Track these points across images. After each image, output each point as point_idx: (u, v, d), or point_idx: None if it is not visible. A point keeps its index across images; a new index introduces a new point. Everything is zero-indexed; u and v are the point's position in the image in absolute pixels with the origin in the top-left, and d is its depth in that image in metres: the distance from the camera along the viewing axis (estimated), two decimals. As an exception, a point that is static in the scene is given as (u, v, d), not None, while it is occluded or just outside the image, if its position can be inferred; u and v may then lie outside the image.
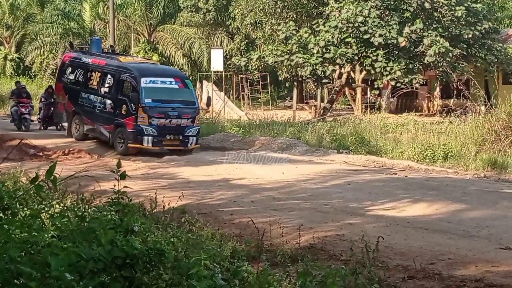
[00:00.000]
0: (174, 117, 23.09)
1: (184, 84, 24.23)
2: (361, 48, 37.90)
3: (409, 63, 37.93)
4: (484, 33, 39.73)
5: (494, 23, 41.71)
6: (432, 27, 38.35)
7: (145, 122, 22.73)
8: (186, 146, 23.19)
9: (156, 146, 22.90)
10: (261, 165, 19.23)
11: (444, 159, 22.18)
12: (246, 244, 9.34)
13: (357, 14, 36.81)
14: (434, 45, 37.06)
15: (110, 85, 24.23)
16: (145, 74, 23.79)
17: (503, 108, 23.86)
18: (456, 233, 10.74)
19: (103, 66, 25.03)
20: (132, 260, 4.94)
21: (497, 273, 8.36)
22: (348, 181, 16.47)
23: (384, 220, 11.87)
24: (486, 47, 39.71)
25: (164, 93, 23.49)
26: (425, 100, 46.11)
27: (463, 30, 38.59)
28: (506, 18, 57.54)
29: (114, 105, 23.75)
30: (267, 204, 13.35)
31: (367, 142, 24.78)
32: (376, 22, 36.89)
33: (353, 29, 37.34)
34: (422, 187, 15.66)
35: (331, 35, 37.50)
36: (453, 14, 38.05)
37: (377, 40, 36.71)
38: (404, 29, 37.46)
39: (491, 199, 14.26)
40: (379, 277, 7.85)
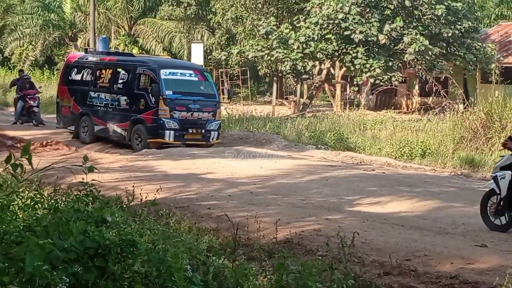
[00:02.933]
0: (196, 110, 22.47)
1: (203, 77, 23.66)
2: (341, 44, 37.96)
3: (388, 61, 38.04)
4: (464, 32, 39.91)
5: (473, 22, 41.89)
6: (412, 25, 38.48)
7: (166, 115, 22.05)
8: (208, 141, 22.71)
9: (178, 140, 22.27)
10: (239, 160, 19.22)
11: (422, 156, 22.27)
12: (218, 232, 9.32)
13: (337, 11, 36.88)
14: (414, 43, 37.19)
15: (124, 81, 23.49)
16: (164, 66, 23.21)
17: (481, 106, 23.98)
18: (432, 230, 10.78)
19: (115, 63, 24.40)
20: (104, 250, 4.94)
21: (472, 270, 8.39)
22: (326, 176, 16.49)
23: (361, 216, 11.90)
24: (465, 46, 39.90)
25: (184, 85, 22.85)
26: (404, 97, 46.32)
27: (443, 29, 38.76)
28: (486, 18, 57.88)
29: (130, 100, 23.04)
30: (245, 199, 13.35)
31: (346, 139, 24.85)
32: (357, 19, 36.96)
33: (334, 26, 37.40)
34: (400, 184, 15.72)
35: (312, 31, 37.53)
36: (433, 13, 38.19)
37: (357, 37, 36.79)
38: (384, 26, 37.57)
39: (467, 197, 14.33)
40: (355, 272, 7.84)
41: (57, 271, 4.60)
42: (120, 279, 5.11)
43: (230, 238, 9.72)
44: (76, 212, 5.81)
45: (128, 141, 22.92)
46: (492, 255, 9.10)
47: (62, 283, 4.52)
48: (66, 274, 4.66)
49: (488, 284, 7.55)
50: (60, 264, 4.71)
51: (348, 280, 7.51)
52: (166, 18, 52.73)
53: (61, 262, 4.73)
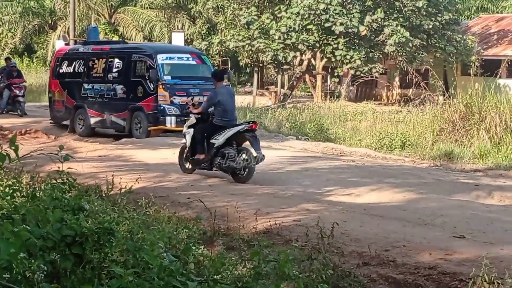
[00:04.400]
0: (196, 94, 21.81)
1: (201, 60, 23.19)
2: (322, 35, 38.01)
3: (369, 52, 38.14)
4: (444, 24, 40.08)
5: (454, 14, 42.10)
6: (393, 17, 38.59)
7: (166, 101, 21.52)
8: None
9: (180, 126, 21.02)
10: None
11: (402, 148, 22.37)
12: (197, 220, 9.30)
13: (319, 1, 36.92)
14: (395, 35, 37.30)
15: (119, 69, 22.90)
16: (161, 50, 22.74)
17: (461, 98, 24.08)
18: (411, 221, 10.80)
19: (108, 52, 23.77)
20: (82, 238, 4.92)
21: (450, 261, 8.41)
22: (306, 167, 16.50)
23: (341, 206, 11.90)
24: (446, 38, 40.07)
25: (182, 69, 22.43)
26: (385, 89, 46.47)
27: (424, 21, 38.89)
28: (467, 10, 58.11)
29: (127, 89, 22.49)
30: (225, 189, 13.34)
31: (326, 130, 24.92)
32: (338, 10, 36.99)
33: (315, 17, 37.42)
34: (379, 175, 15.74)
35: (293, 21, 37.55)
36: (414, 4, 38.32)
37: (338, 28, 36.83)
38: (365, 18, 37.64)
39: (446, 188, 14.38)
40: (334, 262, 7.86)
41: (34, 259, 4.58)
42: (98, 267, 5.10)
43: (209, 228, 9.72)
44: (53, 200, 5.79)
45: (128, 131, 22.40)
46: (470, 246, 9.12)
47: (39, 271, 4.50)
48: (43, 262, 4.64)
49: (465, 275, 7.57)
50: (37, 252, 4.69)
51: (327, 270, 7.52)
52: (146, 7, 52.57)
53: (38, 250, 4.71)
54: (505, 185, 15.34)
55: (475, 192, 14.13)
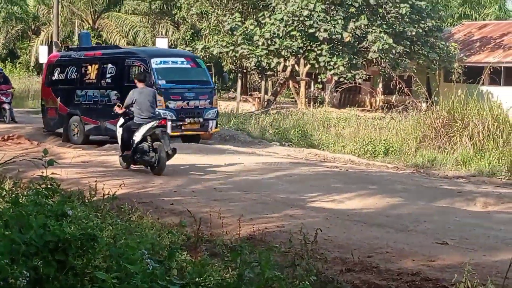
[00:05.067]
0: (191, 98, 21.57)
1: (196, 64, 22.74)
2: (306, 41, 38.09)
3: (352, 59, 38.26)
4: (427, 31, 40.28)
5: (437, 21, 42.32)
6: (376, 24, 38.75)
7: (161, 106, 20.79)
8: (206, 130, 21.99)
9: (176, 131, 21.18)
10: (203, 156, 19.18)
11: (385, 154, 22.42)
12: (181, 225, 9.28)
13: (302, 8, 37.02)
14: (378, 41, 37.45)
15: (112, 75, 22.39)
16: (154, 54, 22.26)
17: (443, 105, 24.17)
18: (394, 227, 10.83)
19: (100, 57, 23.26)
20: (64, 244, 4.91)
21: (433, 267, 8.45)
22: (289, 173, 16.51)
23: (324, 212, 11.93)
24: (429, 45, 40.28)
25: (177, 73, 21.95)
26: (368, 95, 46.60)
27: (407, 27, 39.07)
28: (450, 17, 58.45)
29: (121, 94, 21.25)
30: (208, 195, 13.33)
31: (310, 136, 24.94)
32: (322, 16, 37.10)
33: (299, 23, 37.51)
34: (363, 181, 15.77)
35: (277, 27, 37.63)
36: (397, 11, 38.48)
37: (322, 34, 36.93)
38: (349, 24, 37.76)
39: (429, 194, 14.43)
40: (317, 269, 7.87)
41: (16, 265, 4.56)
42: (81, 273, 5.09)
43: (193, 234, 9.71)
44: (36, 206, 5.77)
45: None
46: (453, 252, 9.16)
47: (22, 277, 4.49)
48: (26, 268, 4.63)
49: (448, 281, 7.59)
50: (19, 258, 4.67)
51: (310, 276, 7.52)
52: (130, 12, 52.54)
53: (21, 256, 4.70)
54: (487, 191, 15.40)
55: (458, 199, 14.17)
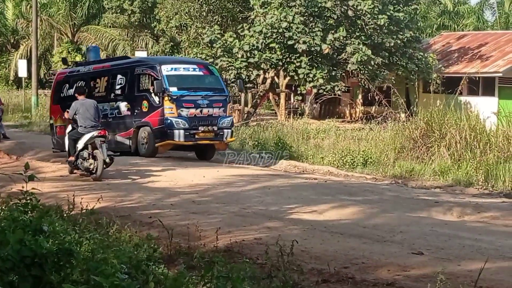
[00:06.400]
0: (205, 106, 20.91)
1: (209, 71, 22.29)
2: (285, 53, 38.24)
3: (331, 70, 38.43)
4: (406, 42, 40.51)
5: (415, 32, 42.59)
6: (355, 35, 38.95)
7: (174, 114, 20.48)
8: (222, 140, 21.32)
9: (189, 140, 20.73)
10: (182, 168, 19.22)
11: (364, 165, 22.53)
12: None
13: (281, 20, 37.15)
14: (357, 53, 37.64)
15: (122, 85, 21.97)
16: (165, 61, 21.82)
17: (422, 116, 24.33)
18: (371, 238, 10.93)
19: (109, 69, 22.88)
20: (41, 259, 4.95)
21: (408, 277, 8.54)
22: (268, 185, 16.59)
23: (302, 224, 12.00)
24: (407, 56, 40.50)
25: (189, 80, 21.39)
26: (348, 106, 46.76)
27: (385, 39, 39.27)
28: (429, 28, 58.81)
29: (131, 105, 21.48)
30: (187, 207, 13.38)
31: (289, 147, 25.00)
32: (300, 28, 37.27)
33: (278, 35, 37.65)
34: (341, 193, 15.87)
35: (256, 39, 37.75)
36: (375, 23, 38.69)
37: (301, 46, 37.10)
38: (327, 36, 37.93)
39: (406, 205, 14.54)
40: (294, 280, 7.95)
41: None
42: (57, 287, 5.13)
43: (171, 246, 9.77)
44: (13, 221, 5.81)
45: (134, 150, 21.47)
46: (428, 262, 9.27)
47: (-3, 292, 4.53)
48: (2, 283, 4.67)
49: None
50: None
51: (287, 287, 7.61)
52: (109, 26, 52.55)
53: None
54: (464, 201, 15.54)
55: (434, 209, 14.29)
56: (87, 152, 17.17)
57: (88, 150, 17.15)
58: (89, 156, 17.15)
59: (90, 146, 17.14)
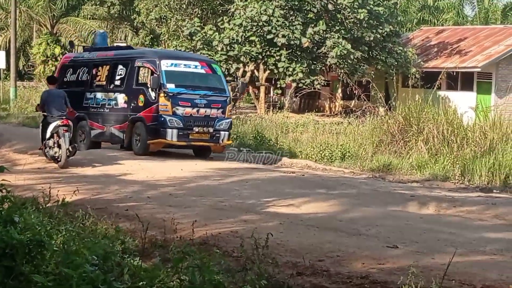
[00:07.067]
0: (202, 106, 20.32)
1: (211, 69, 21.48)
2: (265, 47, 38.24)
3: (311, 64, 38.46)
4: (385, 36, 40.62)
5: (395, 27, 42.70)
6: (334, 29, 38.99)
7: (168, 112, 19.93)
8: (217, 142, 20.65)
9: (182, 140, 20.14)
10: (160, 162, 19.20)
11: (342, 159, 22.58)
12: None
13: (261, 13, 37.14)
14: (336, 47, 37.69)
15: (122, 77, 21.45)
16: (165, 56, 21.18)
17: (400, 110, 24.41)
18: (347, 231, 10.98)
19: (111, 58, 22.33)
20: (12, 250, 4.95)
21: (382, 270, 8.60)
22: (245, 179, 16.62)
23: (279, 217, 12.04)
24: (387, 50, 40.61)
25: (189, 78, 20.77)
26: (328, 100, 46.82)
27: (365, 33, 39.34)
28: (409, 22, 58.96)
29: (128, 98, 20.96)
30: (164, 200, 13.38)
31: (268, 141, 25.00)
32: (280, 22, 37.27)
33: (257, 28, 37.64)
34: (318, 186, 15.93)
35: (236, 33, 37.72)
36: (355, 17, 38.75)
37: (280, 40, 37.12)
38: (307, 30, 37.95)
39: (383, 199, 14.62)
40: (268, 273, 7.96)
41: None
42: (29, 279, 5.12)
43: (147, 239, 9.76)
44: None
45: (127, 144, 20.97)
46: (402, 255, 9.33)
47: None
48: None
49: (395, 283, 7.74)
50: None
51: (261, 280, 7.62)
52: (89, 17, 52.36)
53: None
54: (440, 195, 15.65)
55: (411, 203, 14.38)
56: (53, 140, 17.95)
57: (54, 139, 17.92)
58: (54, 144, 17.96)
59: (56, 135, 17.87)
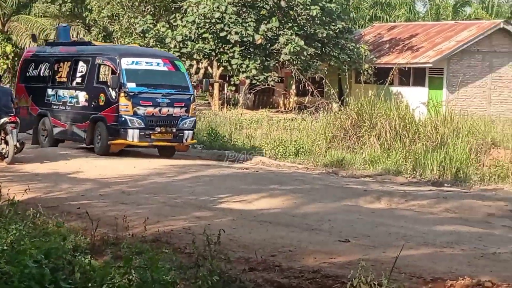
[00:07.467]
0: (165, 105, 19.77)
1: (174, 67, 20.81)
2: (218, 44, 38.20)
3: (264, 61, 38.51)
4: (338, 33, 40.78)
5: (347, 23, 42.88)
6: (287, 26, 39.07)
7: (129, 112, 19.37)
8: (181, 142, 20.11)
9: (144, 141, 19.59)
10: (112, 159, 19.08)
11: (296, 155, 22.67)
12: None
13: (214, 10, 37.10)
14: (290, 44, 37.78)
15: (83, 74, 20.91)
16: (126, 54, 20.51)
17: (353, 106, 24.57)
18: (299, 226, 11.04)
19: (73, 54, 21.74)
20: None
21: (334, 264, 8.66)
22: (199, 175, 16.61)
23: (232, 213, 12.06)
24: (339, 47, 40.78)
25: (150, 76, 20.26)
26: (281, 97, 46.94)
27: (318, 29, 39.48)
28: (361, 19, 59.29)
29: (89, 96, 20.35)
30: (116, 198, 13.32)
31: (222, 137, 25.01)
32: (233, 19, 37.25)
33: (210, 25, 37.59)
34: (271, 182, 15.98)
35: (189, 30, 37.64)
36: (308, 13, 38.87)
37: (233, 37, 37.11)
38: (260, 27, 37.99)
39: (336, 194, 14.71)
40: (221, 269, 7.97)
41: None
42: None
43: (99, 237, 9.71)
44: None
45: (89, 143, 20.45)
46: (354, 249, 9.41)
47: None
48: None
49: (347, 277, 7.80)
50: None
51: (213, 276, 7.63)
52: (40, 15, 51.75)
53: None
54: (392, 190, 15.79)
55: (363, 197, 14.48)
56: (0, 137, 18.05)
57: (1, 136, 18.02)
58: (1, 141, 18.05)
59: (3, 132, 17.92)
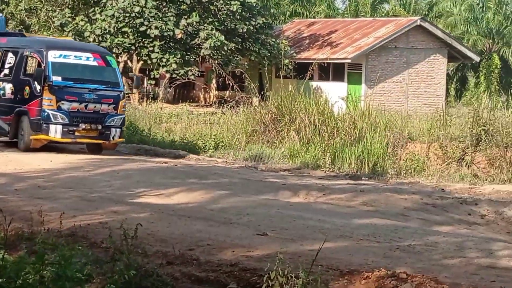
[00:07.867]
0: (91, 101, 18.98)
1: (105, 62, 19.98)
2: (138, 38, 37.92)
3: (185, 55, 38.38)
4: (258, 28, 40.91)
5: (268, 19, 43.07)
6: (208, 21, 39.02)
7: (52, 106, 18.60)
8: (107, 139, 19.34)
9: (67, 137, 18.84)
10: (29, 154, 18.73)
11: (215, 149, 22.69)
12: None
13: (134, 4, 36.80)
14: (210, 38, 37.74)
15: (11, 65, 20.17)
16: (53, 46, 19.73)
17: (273, 101, 24.69)
18: (218, 220, 11.04)
19: (3, 45, 20.98)
20: None
21: (251, 257, 8.68)
22: (117, 169, 16.44)
23: (149, 208, 11.99)
24: (260, 42, 40.91)
25: (78, 70, 19.44)
26: (202, 91, 46.90)
27: (238, 25, 39.53)
28: (282, 15, 59.55)
29: (15, 89, 19.58)
30: (31, 193, 13.09)
31: (141, 131, 24.82)
32: (153, 13, 37.01)
33: (130, 19, 37.28)
34: (190, 176, 15.94)
35: (108, 24, 37.25)
36: (228, 9, 38.90)
37: (153, 32, 36.90)
38: (180, 21, 37.85)
39: (255, 188, 14.76)
40: (138, 263, 7.91)
41: None
42: None
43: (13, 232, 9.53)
44: None
45: (12, 138, 19.60)
46: (272, 242, 9.44)
47: None
48: None
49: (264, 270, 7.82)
50: None
51: (130, 270, 7.57)
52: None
53: None
54: (310, 183, 15.92)
55: (282, 191, 14.57)
56: None
57: None
58: None
59: None
